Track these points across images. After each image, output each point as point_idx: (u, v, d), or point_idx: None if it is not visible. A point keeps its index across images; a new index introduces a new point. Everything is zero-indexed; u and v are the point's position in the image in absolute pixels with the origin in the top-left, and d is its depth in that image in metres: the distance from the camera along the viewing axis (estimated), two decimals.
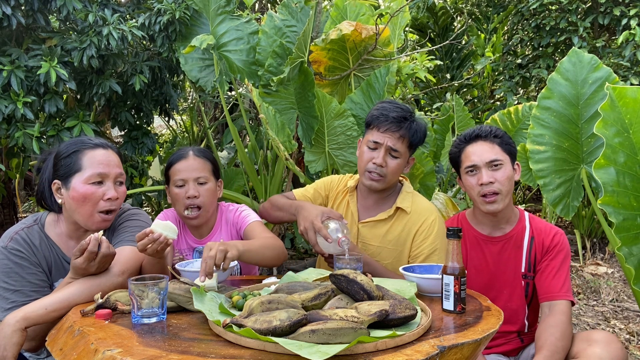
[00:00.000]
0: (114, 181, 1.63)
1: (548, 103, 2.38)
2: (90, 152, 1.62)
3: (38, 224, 1.67)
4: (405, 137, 1.85)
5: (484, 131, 1.87)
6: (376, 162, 1.83)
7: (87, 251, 1.40)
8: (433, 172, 3.56)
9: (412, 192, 1.98)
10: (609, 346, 1.57)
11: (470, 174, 1.85)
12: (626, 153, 1.80)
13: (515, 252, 1.87)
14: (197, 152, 1.96)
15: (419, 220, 1.89)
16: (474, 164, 1.83)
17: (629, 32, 4.72)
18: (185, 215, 1.93)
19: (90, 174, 1.59)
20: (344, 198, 2.04)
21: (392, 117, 1.84)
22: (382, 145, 1.84)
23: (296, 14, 3.28)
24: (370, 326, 1.11)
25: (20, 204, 5.94)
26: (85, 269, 1.43)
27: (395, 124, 1.83)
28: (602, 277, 4.12)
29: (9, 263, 1.57)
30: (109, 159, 1.63)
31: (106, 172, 1.61)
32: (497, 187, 1.79)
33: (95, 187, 1.59)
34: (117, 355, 1.01)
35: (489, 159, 1.81)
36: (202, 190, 1.91)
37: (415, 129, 1.86)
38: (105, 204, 1.60)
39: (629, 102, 1.83)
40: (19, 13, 2.81)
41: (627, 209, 1.79)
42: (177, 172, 1.91)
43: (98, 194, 1.59)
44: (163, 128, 7.98)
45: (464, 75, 6.54)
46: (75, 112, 3.09)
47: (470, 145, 1.87)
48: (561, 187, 2.41)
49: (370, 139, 1.87)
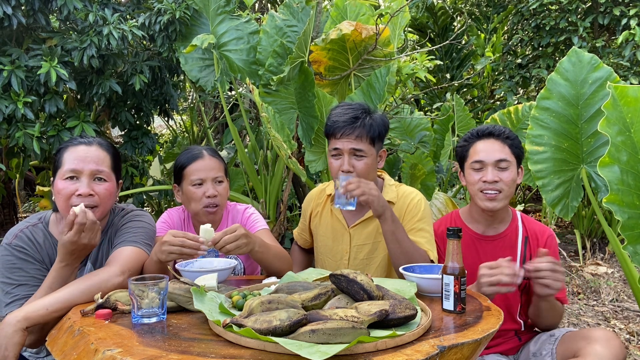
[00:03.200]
0: (90, 177, 1.60)
1: (547, 103, 2.38)
2: (72, 149, 1.62)
3: (42, 223, 1.68)
4: (363, 135, 1.83)
5: (497, 130, 1.87)
6: (343, 169, 1.84)
7: (76, 223, 1.41)
8: (433, 172, 3.57)
9: (394, 183, 1.99)
10: (609, 343, 1.57)
11: (475, 170, 1.85)
12: (628, 152, 1.81)
13: (509, 252, 1.88)
14: (211, 152, 1.98)
15: (405, 203, 1.91)
16: (481, 160, 1.83)
17: (629, 32, 4.72)
18: (202, 213, 1.93)
19: (65, 170, 1.59)
20: (325, 207, 2.05)
21: (344, 120, 1.83)
22: (344, 151, 1.84)
23: (297, 13, 3.28)
24: (370, 326, 1.11)
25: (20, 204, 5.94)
26: (76, 243, 1.43)
27: (349, 127, 1.83)
28: (602, 277, 4.12)
29: (13, 259, 1.58)
30: (86, 155, 1.61)
31: (79, 168, 1.58)
32: (501, 186, 1.80)
33: (67, 183, 1.58)
34: (117, 355, 1.01)
35: (497, 157, 1.81)
36: (220, 189, 1.94)
37: (370, 123, 1.84)
38: (77, 200, 1.57)
39: (630, 101, 1.83)
40: (19, 13, 2.81)
41: (630, 208, 1.79)
42: (194, 172, 1.91)
43: (69, 190, 1.57)
44: (163, 128, 7.98)
45: (464, 75, 6.54)
46: (76, 112, 3.09)
47: (482, 142, 1.86)
48: (560, 188, 2.40)
49: (332, 148, 1.88)
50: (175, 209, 2.07)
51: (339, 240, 1.98)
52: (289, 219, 4.18)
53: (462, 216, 1.98)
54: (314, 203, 2.10)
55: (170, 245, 1.52)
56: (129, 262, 1.55)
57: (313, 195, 2.13)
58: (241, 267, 2.01)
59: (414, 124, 4.16)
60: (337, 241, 1.99)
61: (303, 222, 2.17)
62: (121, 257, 1.54)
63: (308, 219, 2.12)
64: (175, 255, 1.55)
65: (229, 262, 1.70)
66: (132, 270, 1.55)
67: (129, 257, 1.56)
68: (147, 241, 1.68)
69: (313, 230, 2.11)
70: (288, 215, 4.00)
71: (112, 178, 1.66)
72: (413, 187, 3.49)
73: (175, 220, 2.02)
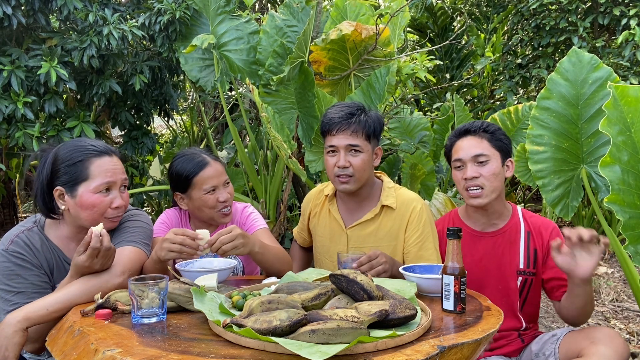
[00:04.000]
0: (119, 188, 1.63)
1: (547, 103, 2.38)
2: (97, 161, 1.60)
3: (38, 226, 1.66)
4: (359, 131, 1.85)
5: (474, 126, 1.88)
6: (340, 164, 1.84)
7: (90, 247, 1.40)
8: (433, 172, 3.56)
9: (393, 186, 1.99)
10: (612, 342, 1.57)
11: (457, 169, 1.88)
12: (629, 152, 1.81)
13: (510, 248, 1.87)
14: (212, 156, 1.99)
15: (407, 212, 1.90)
16: (460, 158, 1.85)
17: (629, 32, 4.72)
18: (218, 216, 1.94)
19: (98, 184, 1.57)
20: (323, 208, 2.05)
21: (339, 117, 1.85)
22: (340, 147, 1.85)
23: (297, 14, 3.28)
24: (370, 326, 1.11)
25: (20, 204, 5.94)
26: (88, 267, 1.43)
27: (345, 123, 1.84)
28: (602, 277, 4.12)
29: (10, 265, 1.56)
30: (115, 167, 1.63)
31: (114, 180, 1.61)
32: (481, 181, 1.80)
33: (103, 197, 1.59)
34: (117, 355, 1.01)
35: (474, 153, 1.83)
36: (230, 191, 1.97)
37: (365, 120, 1.86)
38: (113, 212, 1.61)
39: (630, 101, 1.83)
40: (19, 13, 2.81)
41: (631, 208, 1.79)
42: (206, 180, 1.90)
43: (106, 203, 1.59)
44: (163, 128, 7.97)
45: (464, 75, 6.54)
46: (76, 112, 3.09)
47: (460, 140, 1.89)
48: (560, 188, 2.40)
49: (327, 145, 1.89)
50: (173, 209, 2.06)
51: (336, 240, 1.98)
52: (289, 219, 4.18)
53: (460, 215, 1.99)
54: (312, 203, 2.10)
55: (170, 244, 1.53)
56: (128, 263, 1.54)
57: (312, 196, 2.13)
58: (240, 266, 2.01)
59: (414, 124, 4.15)
60: (334, 241, 1.99)
61: (302, 221, 2.17)
62: (121, 257, 1.54)
63: (307, 219, 2.13)
64: (175, 254, 1.55)
65: (228, 262, 1.70)
66: (132, 270, 1.54)
67: (128, 257, 1.56)
68: (145, 241, 1.68)
69: (312, 230, 2.11)
70: (288, 215, 4.00)
71: None
72: (413, 187, 3.51)
73: (173, 221, 2.02)
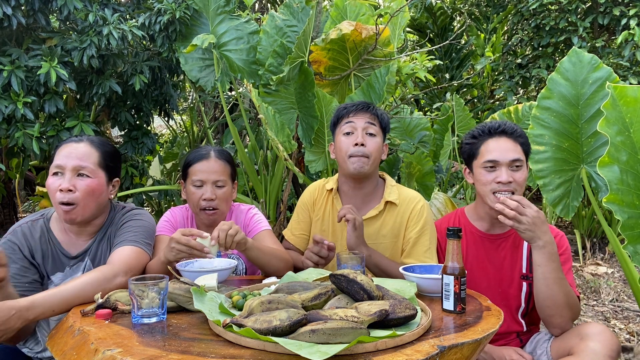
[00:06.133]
0: (73, 173, 1.60)
1: (548, 103, 2.38)
2: (63, 146, 1.65)
3: (44, 218, 1.71)
4: (375, 118, 1.92)
5: (509, 127, 1.79)
6: (358, 141, 1.86)
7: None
8: (432, 172, 3.57)
9: (395, 184, 2.00)
10: (602, 337, 1.55)
11: (488, 169, 1.78)
12: (628, 152, 1.81)
13: (513, 252, 1.86)
14: (219, 153, 1.94)
15: (409, 209, 1.92)
16: (495, 160, 1.76)
17: (629, 32, 4.72)
18: (200, 214, 1.93)
19: (52, 166, 1.62)
20: (327, 202, 2.02)
21: (356, 104, 1.94)
22: (359, 126, 1.89)
23: (297, 13, 3.28)
24: (370, 326, 1.11)
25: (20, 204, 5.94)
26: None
27: (363, 108, 1.92)
28: (602, 277, 4.12)
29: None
30: (70, 152, 1.62)
31: (62, 164, 1.60)
32: (514, 187, 1.74)
33: (54, 179, 1.60)
34: (117, 355, 1.01)
35: (512, 157, 1.75)
36: (219, 193, 1.89)
37: (380, 112, 1.94)
38: (60, 195, 1.58)
39: (629, 101, 1.83)
40: (19, 13, 2.81)
41: (630, 207, 1.79)
42: (196, 172, 1.89)
43: (55, 186, 1.59)
44: (163, 128, 7.97)
45: (464, 75, 6.54)
46: (75, 112, 3.09)
47: (494, 140, 1.79)
48: (561, 187, 2.40)
49: (344, 126, 1.92)
50: (179, 207, 2.05)
51: (337, 236, 1.98)
52: (289, 219, 4.17)
53: (468, 214, 1.95)
54: (317, 193, 2.05)
55: (179, 245, 1.53)
56: (129, 262, 1.55)
57: (313, 189, 2.08)
58: (243, 267, 2.00)
59: (414, 124, 4.15)
60: (336, 238, 1.98)
61: (303, 217, 2.07)
62: (122, 257, 1.54)
63: (310, 210, 2.06)
64: (185, 255, 1.56)
65: (229, 262, 1.70)
66: (133, 270, 1.55)
67: (129, 257, 1.56)
68: (147, 240, 1.68)
69: (314, 223, 2.05)
70: (288, 215, 4.00)
71: (97, 175, 1.64)
72: (410, 185, 3.51)
73: (178, 219, 2.00)
